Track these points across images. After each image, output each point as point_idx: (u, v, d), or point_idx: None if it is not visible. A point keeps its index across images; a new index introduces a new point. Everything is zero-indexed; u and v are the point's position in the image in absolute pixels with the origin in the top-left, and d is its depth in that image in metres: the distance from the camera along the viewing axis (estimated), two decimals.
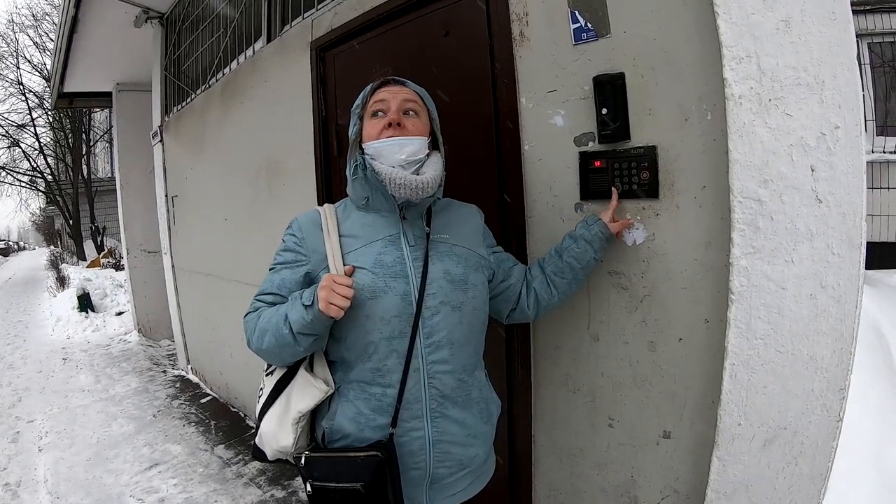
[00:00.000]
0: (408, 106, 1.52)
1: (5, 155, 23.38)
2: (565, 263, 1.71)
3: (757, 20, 1.46)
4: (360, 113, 1.56)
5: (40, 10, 22.53)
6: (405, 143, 1.48)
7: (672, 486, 1.82)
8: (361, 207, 1.56)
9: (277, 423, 1.51)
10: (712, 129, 1.58)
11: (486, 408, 1.61)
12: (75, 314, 9.69)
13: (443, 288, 1.48)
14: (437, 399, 1.48)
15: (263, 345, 1.45)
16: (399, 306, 1.43)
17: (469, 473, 1.58)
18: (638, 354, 1.84)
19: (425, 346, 1.45)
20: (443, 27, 2.33)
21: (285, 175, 3.61)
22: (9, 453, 4.37)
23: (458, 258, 1.54)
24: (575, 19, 1.86)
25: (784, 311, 1.51)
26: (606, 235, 1.71)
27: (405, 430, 1.46)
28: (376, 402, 1.46)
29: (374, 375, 1.46)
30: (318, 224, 1.55)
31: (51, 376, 6.48)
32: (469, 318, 1.53)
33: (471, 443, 1.55)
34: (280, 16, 3.72)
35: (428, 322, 1.45)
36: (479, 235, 1.68)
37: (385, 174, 1.45)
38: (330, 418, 1.50)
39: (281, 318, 1.40)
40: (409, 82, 1.58)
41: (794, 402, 1.55)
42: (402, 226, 1.52)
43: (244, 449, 4.12)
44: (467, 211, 1.72)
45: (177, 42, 5.57)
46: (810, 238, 1.47)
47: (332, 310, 1.31)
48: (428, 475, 1.50)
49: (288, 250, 1.55)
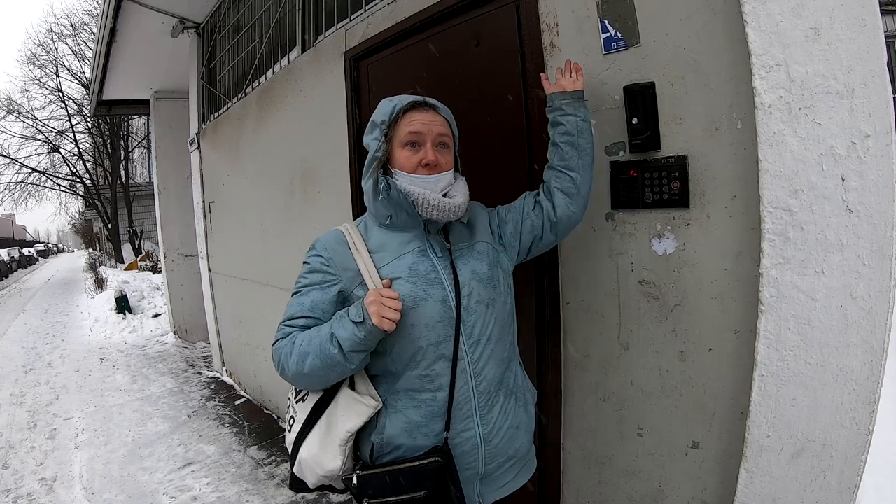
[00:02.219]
0: (441, 140, 1.53)
1: (45, 160, 24.03)
2: (560, 146, 1.72)
3: (786, 28, 1.45)
4: (386, 132, 1.53)
5: (79, 19, 23.20)
6: (440, 179, 1.52)
7: (700, 497, 1.81)
8: (384, 225, 1.56)
9: (320, 447, 1.49)
10: (742, 139, 1.58)
11: (523, 397, 1.64)
12: (113, 315, 9.89)
13: (475, 288, 1.51)
14: (484, 395, 1.51)
15: (305, 369, 1.41)
16: (441, 311, 1.46)
17: (515, 463, 1.60)
18: (668, 364, 1.83)
19: (468, 346, 1.48)
20: (474, 37, 2.36)
21: (320, 182, 3.66)
22: (45, 449, 4.48)
23: (480, 256, 1.58)
24: (605, 29, 1.87)
25: (814, 323, 1.50)
26: (569, 98, 1.72)
27: (457, 432, 1.48)
28: (427, 408, 1.47)
29: (423, 382, 1.47)
30: (344, 242, 1.55)
31: (88, 375, 6.63)
32: (501, 313, 1.57)
33: (514, 434, 1.58)
34: (314, 26, 3.78)
35: (468, 322, 1.48)
36: (487, 227, 1.69)
37: (417, 195, 1.48)
38: (379, 432, 1.49)
39: (325, 338, 1.38)
40: (440, 106, 1.58)
41: (823, 415, 1.53)
42: (428, 239, 1.54)
43: (276, 450, 4.16)
44: (473, 211, 1.71)
45: (213, 51, 5.67)
46: (841, 249, 1.45)
47: (385, 323, 1.32)
48: (480, 472, 1.52)
49: (315, 271, 1.53)
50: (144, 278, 12.86)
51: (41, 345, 8.78)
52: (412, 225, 1.53)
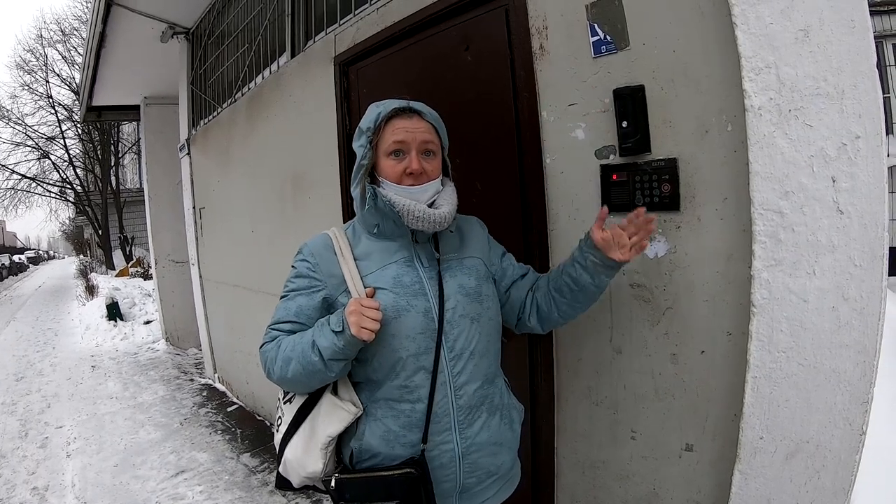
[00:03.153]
0: (426, 147, 1.50)
1: (35, 166, 23.95)
2: (563, 282, 1.61)
3: (775, 30, 1.45)
4: (371, 139, 1.51)
5: (68, 25, 23.15)
6: (426, 189, 1.50)
7: (694, 500, 1.81)
8: (373, 234, 1.55)
9: (303, 450, 1.50)
10: (732, 141, 1.58)
11: (508, 414, 1.62)
12: (104, 322, 9.83)
13: (460, 302, 1.50)
14: (464, 410, 1.49)
15: (288, 374, 1.43)
16: (422, 323, 1.44)
17: (497, 480, 1.59)
18: (660, 367, 1.83)
19: (450, 359, 1.47)
20: (464, 41, 2.35)
21: (310, 188, 3.66)
22: (37, 458, 4.45)
23: (469, 270, 1.56)
24: (594, 32, 1.86)
25: (806, 324, 1.50)
26: (603, 262, 1.52)
27: (435, 444, 1.47)
28: (405, 418, 1.46)
29: (403, 392, 1.46)
30: (331, 248, 1.55)
31: (79, 383, 6.59)
32: (487, 328, 1.55)
33: (497, 450, 1.56)
34: (304, 31, 3.77)
35: (450, 336, 1.47)
36: (484, 245, 1.69)
37: (402, 206, 1.45)
38: (358, 438, 1.50)
39: (307, 345, 1.39)
40: (425, 111, 1.54)
41: (816, 416, 1.53)
42: (415, 248, 1.53)
43: (269, 457, 4.15)
44: (469, 224, 1.71)
45: (203, 57, 5.66)
46: (832, 250, 1.45)
47: (364, 333, 1.31)
48: (458, 486, 1.51)
49: (301, 276, 1.55)
50: (135, 285, 12.80)
51: (32, 353, 8.73)
52: (399, 234, 1.52)
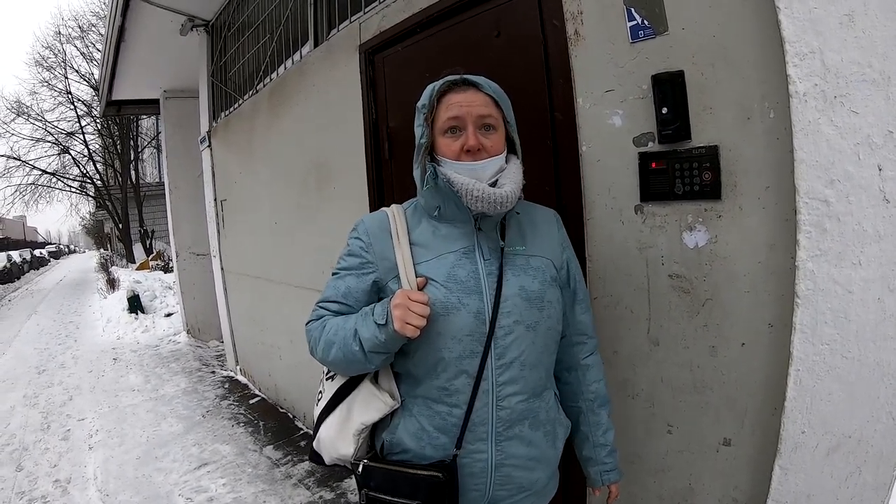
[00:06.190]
0: (484, 122, 1.40)
1: (56, 162, 24.25)
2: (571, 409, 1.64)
3: (819, 14, 1.41)
4: (427, 117, 1.43)
5: (86, 21, 23.36)
6: (486, 166, 1.39)
7: (731, 495, 1.78)
8: (434, 217, 1.46)
9: (337, 432, 1.47)
10: (775, 128, 1.54)
11: (552, 430, 1.51)
12: (125, 315, 9.94)
13: (518, 306, 1.38)
14: (504, 422, 1.40)
15: (329, 357, 1.40)
16: (472, 325, 1.34)
17: (530, 496, 1.49)
18: (699, 359, 1.80)
19: (496, 367, 1.36)
20: (494, 27, 2.32)
21: (334, 178, 3.64)
22: (59, 451, 4.50)
23: (534, 272, 1.43)
24: (631, 17, 1.83)
25: (850, 316, 1.46)
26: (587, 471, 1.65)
27: (468, 452, 1.39)
28: (441, 420, 1.39)
29: (441, 394, 1.39)
30: (387, 229, 1.47)
31: (101, 376, 6.66)
32: (543, 338, 1.44)
33: (534, 466, 1.46)
34: (327, 20, 3.75)
35: (500, 342, 1.36)
36: (556, 246, 1.55)
37: (461, 185, 1.35)
38: (391, 431, 1.45)
39: (349, 333, 1.35)
40: (482, 82, 1.44)
41: (859, 410, 1.49)
42: (477, 237, 1.42)
43: (293, 450, 4.16)
44: (544, 217, 1.59)
45: (223, 49, 5.67)
46: (878, 240, 1.41)
47: (407, 329, 1.25)
48: (487, 497, 1.43)
49: (353, 255, 1.48)
50: (156, 278, 12.94)
51: (54, 345, 8.85)
52: (462, 219, 1.42)
